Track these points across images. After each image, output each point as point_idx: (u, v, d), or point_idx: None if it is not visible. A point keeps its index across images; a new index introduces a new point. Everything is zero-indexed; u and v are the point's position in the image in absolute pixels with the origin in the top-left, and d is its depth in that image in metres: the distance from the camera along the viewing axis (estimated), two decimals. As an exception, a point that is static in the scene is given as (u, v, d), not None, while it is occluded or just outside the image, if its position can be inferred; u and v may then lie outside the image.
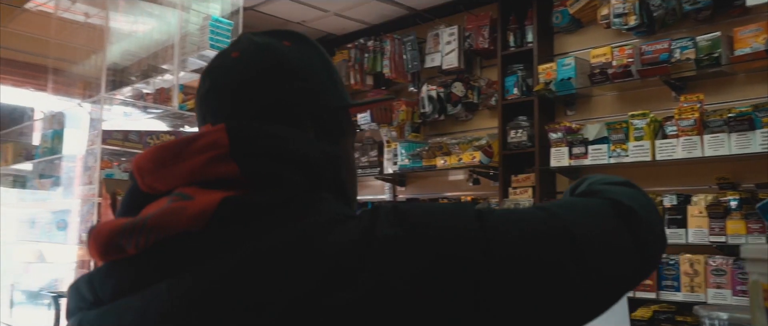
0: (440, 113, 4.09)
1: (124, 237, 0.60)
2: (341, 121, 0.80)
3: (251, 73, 0.73)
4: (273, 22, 4.70)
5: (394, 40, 4.36)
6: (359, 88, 4.60)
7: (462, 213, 0.61)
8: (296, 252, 0.56)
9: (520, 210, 0.65)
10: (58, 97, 3.37)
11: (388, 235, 0.57)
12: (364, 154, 4.46)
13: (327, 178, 0.67)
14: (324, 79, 0.79)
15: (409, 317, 0.54)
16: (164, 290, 0.57)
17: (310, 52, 0.79)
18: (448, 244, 0.57)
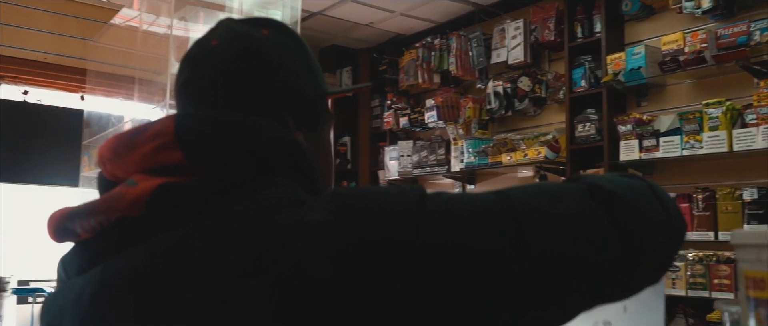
0: (507, 109, 4.02)
1: (71, 221, 0.64)
2: (319, 109, 0.80)
3: (228, 61, 0.73)
4: (341, 25, 4.80)
5: (460, 37, 4.33)
6: (427, 86, 4.60)
7: (403, 196, 0.58)
8: (219, 238, 0.57)
9: (472, 195, 0.60)
10: (143, 104, 3.60)
11: (316, 220, 0.55)
12: (431, 152, 4.46)
13: (283, 164, 0.65)
14: (302, 67, 0.79)
15: (329, 304, 0.52)
16: (98, 272, 0.60)
17: (288, 40, 0.79)
18: (376, 227, 0.54)
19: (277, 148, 0.66)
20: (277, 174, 0.65)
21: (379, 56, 5.10)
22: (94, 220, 0.63)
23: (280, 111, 0.74)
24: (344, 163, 5.19)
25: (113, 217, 0.62)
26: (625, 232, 0.59)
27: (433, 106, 4.39)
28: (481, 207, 0.57)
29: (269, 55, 0.75)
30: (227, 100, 0.72)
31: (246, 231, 0.56)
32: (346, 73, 5.28)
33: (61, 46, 4.27)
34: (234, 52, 0.74)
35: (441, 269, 0.53)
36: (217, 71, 0.73)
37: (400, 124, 4.78)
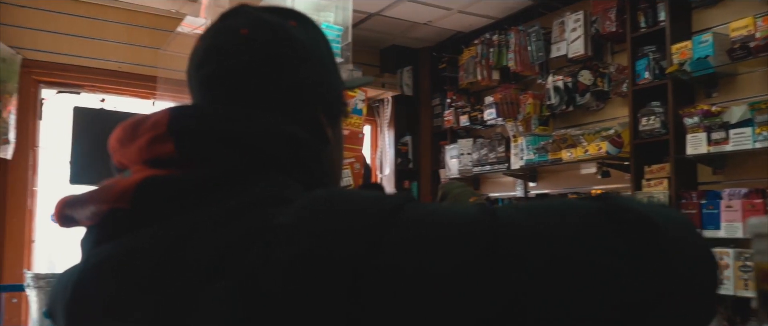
0: (568, 104, 3.91)
1: (71, 209, 0.64)
2: (343, 102, 0.78)
3: (264, 54, 0.68)
4: (399, 25, 4.82)
5: (519, 33, 4.25)
6: (487, 83, 4.54)
7: (373, 208, 0.51)
8: (190, 237, 0.54)
9: (451, 210, 0.51)
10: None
11: (281, 223, 0.51)
12: (491, 150, 4.40)
13: (280, 159, 0.62)
14: (329, 60, 0.76)
15: (272, 319, 0.47)
16: (84, 262, 0.62)
17: (316, 33, 0.76)
18: (328, 240, 0.48)
19: (271, 142, 0.62)
20: (273, 170, 0.61)
21: (438, 55, 5.09)
22: (89, 209, 0.62)
23: (315, 106, 0.71)
24: (406, 162, 5.20)
25: (105, 208, 0.61)
26: (651, 268, 0.45)
27: (491, 103, 4.33)
28: (455, 228, 0.48)
29: (302, 48, 0.70)
30: (261, 94, 0.67)
31: (217, 231, 0.53)
32: (406, 73, 5.29)
33: (133, 56, 4.51)
34: (269, 43, 0.68)
35: (392, 292, 0.46)
36: (250, 63, 0.68)
37: (461, 122, 4.75)
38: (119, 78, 4.50)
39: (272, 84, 0.68)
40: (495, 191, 4.55)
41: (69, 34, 4.36)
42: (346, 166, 3.01)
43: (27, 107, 4.13)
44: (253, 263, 0.49)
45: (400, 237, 0.48)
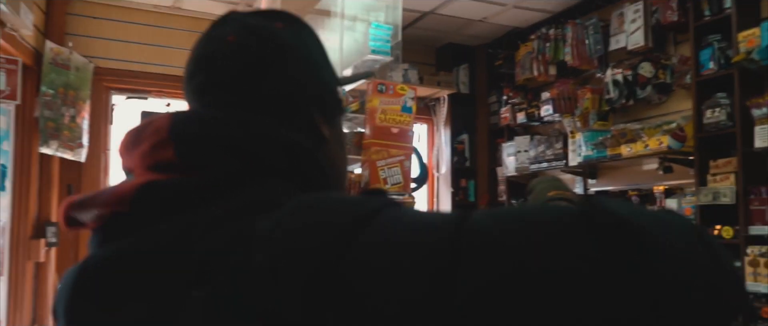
0: (628, 98, 3.78)
1: (74, 211, 0.64)
2: (338, 98, 0.76)
3: (252, 59, 0.68)
4: (454, 22, 4.80)
5: (576, 26, 4.15)
6: (544, 79, 4.46)
7: (348, 211, 0.50)
8: (178, 242, 0.55)
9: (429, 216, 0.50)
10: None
11: (261, 229, 0.51)
12: (549, 146, 4.31)
13: (277, 164, 0.62)
14: (320, 58, 0.75)
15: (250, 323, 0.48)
16: (84, 263, 0.62)
17: (304, 32, 0.75)
18: (301, 244, 0.48)
19: (269, 147, 0.63)
20: (272, 175, 0.61)
21: (494, 51, 5.03)
22: (93, 212, 0.63)
23: (308, 106, 0.70)
24: (462, 160, 5.17)
25: (107, 211, 0.61)
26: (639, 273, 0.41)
27: (548, 99, 4.24)
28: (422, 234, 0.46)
29: (289, 49, 0.70)
30: (252, 99, 0.68)
31: (205, 237, 0.54)
32: (462, 71, 5.26)
33: (196, 61, 4.69)
34: (255, 48, 0.69)
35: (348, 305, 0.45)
36: (239, 70, 0.68)
37: (517, 120, 4.68)
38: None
39: (261, 87, 0.68)
40: (553, 189, 4.45)
41: (137, 43, 4.58)
42: (395, 165, 3.03)
43: (99, 112, 4.37)
44: (233, 269, 0.50)
45: (370, 237, 0.47)
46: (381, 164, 2.93)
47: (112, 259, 0.59)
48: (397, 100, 3.06)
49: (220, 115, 0.65)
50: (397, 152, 2.99)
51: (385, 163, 2.94)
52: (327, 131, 0.71)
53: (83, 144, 4.11)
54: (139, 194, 0.60)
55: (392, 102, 3.06)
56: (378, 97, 3.02)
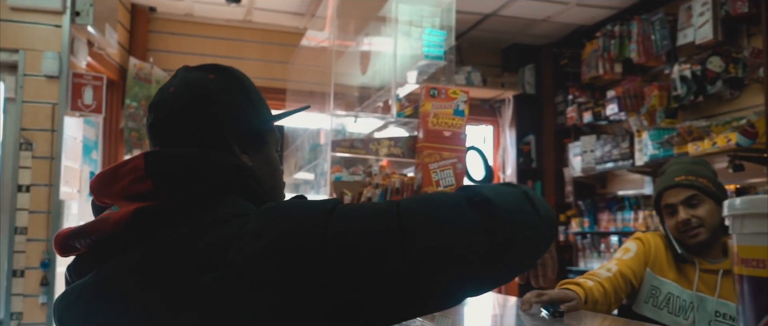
0: (697, 94, 3.65)
1: (73, 239, 0.83)
2: (262, 134, 0.97)
3: (182, 104, 0.90)
4: (517, 23, 4.78)
5: (641, 21, 4.04)
6: (610, 77, 4.36)
7: (317, 207, 0.74)
8: (177, 247, 0.74)
9: (370, 204, 0.76)
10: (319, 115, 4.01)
11: (249, 228, 0.72)
12: (615, 146, 4.21)
13: (232, 185, 0.83)
14: (241, 102, 0.95)
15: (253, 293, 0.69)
16: (91, 277, 0.79)
17: (232, 81, 0.96)
18: (289, 228, 0.71)
19: (225, 172, 0.84)
20: (228, 193, 0.82)
21: (559, 50, 4.97)
22: (89, 238, 0.81)
23: (226, 139, 0.91)
24: (528, 161, 5.13)
25: (104, 235, 0.80)
26: (493, 232, 0.71)
27: (613, 97, 4.15)
28: (373, 214, 0.72)
29: (214, 97, 0.92)
30: (184, 136, 0.90)
31: (199, 240, 0.73)
32: (528, 71, 5.22)
33: (266, 71, 4.92)
34: (186, 97, 0.91)
35: (337, 261, 0.69)
36: (174, 114, 0.90)
37: (584, 119, 4.60)
38: (255, 92, 4.93)
39: (190, 127, 0.90)
40: (622, 189, 4.34)
41: (212, 55, 4.86)
42: (447, 167, 3.08)
43: (178, 122, 4.67)
44: (233, 258, 0.70)
45: (338, 221, 0.71)
46: (433, 166, 3.00)
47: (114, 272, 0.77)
48: (449, 103, 3.13)
49: (184, 151, 0.85)
50: (450, 155, 3.06)
51: (437, 166, 3.01)
52: (247, 160, 0.93)
53: (164, 152, 4.41)
54: (134, 217, 0.78)
55: (444, 106, 3.13)
56: (430, 101, 3.10)
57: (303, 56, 4.38)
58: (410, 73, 3.23)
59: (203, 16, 4.83)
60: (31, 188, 3.24)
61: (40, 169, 3.25)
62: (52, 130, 3.27)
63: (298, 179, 3.91)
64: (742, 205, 0.70)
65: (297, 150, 4.02)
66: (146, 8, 4.67)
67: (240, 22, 4.93)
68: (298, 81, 4.38)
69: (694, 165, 1.87)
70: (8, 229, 3.21)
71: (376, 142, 3.04)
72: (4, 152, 3.29)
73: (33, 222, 3.23)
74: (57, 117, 3.28)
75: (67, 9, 3.29)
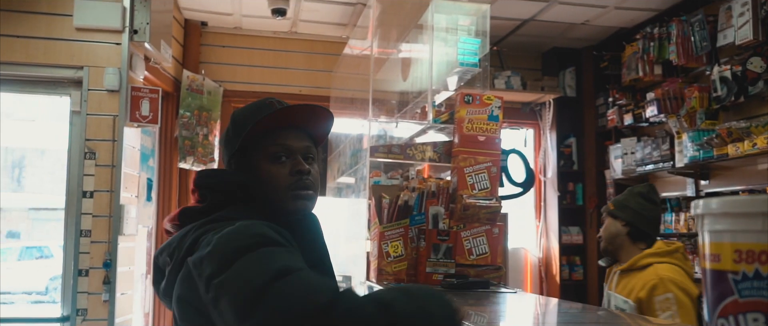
0: (738, 95, 3.63)
1: (166, 225, 1.29)
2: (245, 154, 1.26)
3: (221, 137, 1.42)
4: (556, 27, 4.82)
5: (681, 23, 4.03)
6: (650, 79, 4.36)
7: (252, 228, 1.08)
8: (186, 236, 1.15)
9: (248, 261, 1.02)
10: (358, 120, 4.15)
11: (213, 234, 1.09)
12: (655, 148, 4.21)
13: (234, 196, 1.21)
14: (228, 131, 1.30)
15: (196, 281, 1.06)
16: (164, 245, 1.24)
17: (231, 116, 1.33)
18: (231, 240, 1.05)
19: (226, 186, 1.23)
20: (234, 202, 1.20)
21: (599, 53, 4.98)
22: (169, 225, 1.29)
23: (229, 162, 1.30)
24: (569, 164, 5.15)
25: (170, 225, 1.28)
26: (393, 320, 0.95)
27: (653, 99, 4.15)
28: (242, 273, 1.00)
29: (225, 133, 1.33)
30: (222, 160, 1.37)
31: (196, 232, 1.14)
32: (568, 74, 5.24)
33: (311, 80, 5.11)
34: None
35: (208, 294, 1.03)
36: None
37: (625, 121, 4.60)
38: (301, 100, 5.11)
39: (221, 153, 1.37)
40: (663, 191, 4.33)
41: (259, 66, 5.09)
42: (482, 171, 3.17)
43: (228, 130, 4.90)
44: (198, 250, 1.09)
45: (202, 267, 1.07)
46: (468, 171, 3.11)
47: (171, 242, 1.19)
48: (483, 109, 3.23)
49: (210, 172, 1.29)
50: (484, 159, 3.15)
51: (472, 170, 3.11)
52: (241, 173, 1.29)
53: (215, 158, 4.65)
54: (180, 213, 1.25)
55: (479, 111, 3.23)
56: (465, 107, 3.22)
57: (346, 65, 4.54)
58: (449, 79, 3.34)
59: (251, 29, 5.06)
60: (95, 194, 3.50)
61: (102, 176, 3.51)
62: (113, 140, 3.53)
63: (340, 183, 4.07)
64: (705, 206, 0.78)
65: (340, 155, 4.17)
66: (198, 23, 4.93)
67: (286, 34, 5.14)
68: (341, 88, 4.54)
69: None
70: (74, 232, 3.47)
71: (414, 147, 3.17)
72: (70, 161, 3.56)
73: (96, 225, 3.48)
74: (117, 128, 3.53)
75: (126, 28, 3.54)
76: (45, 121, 15.68)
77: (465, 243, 2.67)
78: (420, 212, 2.69)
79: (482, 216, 2.70)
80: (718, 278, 0.74)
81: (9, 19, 3.53)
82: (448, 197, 2.89)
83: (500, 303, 2.00)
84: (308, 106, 1.25)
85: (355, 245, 3.47)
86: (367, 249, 3.17)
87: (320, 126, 1.30)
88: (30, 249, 12.42)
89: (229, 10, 4.69)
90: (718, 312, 0.73)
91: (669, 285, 2.11)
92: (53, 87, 3.63)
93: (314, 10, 4.69)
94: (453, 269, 2.47)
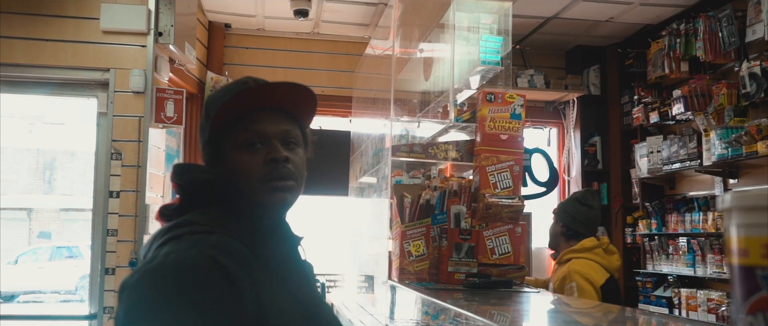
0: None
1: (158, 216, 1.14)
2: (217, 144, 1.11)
3: None
4: (580, 25, 4.77)
5: (708, 18, 3.96)
6: (676, 76, 4.29)
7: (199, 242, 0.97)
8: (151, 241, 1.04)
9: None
10: (381, 120, 4.15)
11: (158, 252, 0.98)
12: (682, 146, 4.14)
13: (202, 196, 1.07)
14: (202, 121, 1.14)
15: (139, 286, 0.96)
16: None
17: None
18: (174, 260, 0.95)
19: (194, 186, 1.08)
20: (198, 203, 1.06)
21: (624, 51, 4.91)
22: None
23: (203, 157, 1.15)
24: (594, 163, 5.09)
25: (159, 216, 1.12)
26: None
27: (680, 96, 4.08)
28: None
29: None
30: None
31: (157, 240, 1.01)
32: (592, 72, 5.18)
33: (333, 80, 5.13)
34: None
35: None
36: None
37: (650, 119, 4.53)
38: (323, 100, 5.10)
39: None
40: (691, 190, 4.26)
41: (283, 67, 5.12)
42: (504, 170, 3.15)
43: (251, 131, 4.93)
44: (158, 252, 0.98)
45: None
46: (490, 169, 3.09)
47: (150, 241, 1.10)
48: (505, 107, 3.21)
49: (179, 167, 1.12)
50: (507, 158, 3.13)
51: (494, 169, 3.09)
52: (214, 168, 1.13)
53: (239, 159, 4.68)
54: (160, 212, 1.10)
55: (501, 110, 3.21)
56: (487, 105, 3.20)
57: (367, 65, 4.55)
58: (471, 78, 3.33)
59: (274, 31, 5.09)
60: (121, 194, 3.56)
61: (128, 177, 3.56)
62: (139, 140, 3.58)
63: (362, 183, 4.07)
64: (733, 199, 0.76)
65: (362, 155, 4.18)
66: (222, 25, 4.98)
67: (308, 35, 5.16)
68: (363, 89, 4.55)
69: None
70: (101, 231, 3.53)
71: (435, 146, 3.16)
72: (97, 161, 3.63)
73: (122, 224, 3.54)
74: (143, 129, 3.58)
75: (151, 30, 3.60)
76: (74, 124, 16.01)
77: (487, 242, 2.65)
78: (442, 211, 2.69)
79: (504, 215, 2.68)
80: (746, 274, 0.72)
81: (38, 24, 3.61)
82: (470, 196, 2.87)
83: (523, 303, 1.99)
84: (282, 84, 1.08)
85: (377, 244, 3.47)
86: (389, 248, 3.17)
87: (302, 106, 1.13)
88: (60, 249, 12.69)
89: (253, 12, 4.73)
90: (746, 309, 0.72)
91: (574, 276, 2.56)
92: (81, 89, 3.70)
93: (336, 11, 4.70)
94: (475, 268, 2.46)
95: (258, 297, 0.94)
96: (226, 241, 0.97)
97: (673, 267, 4.28)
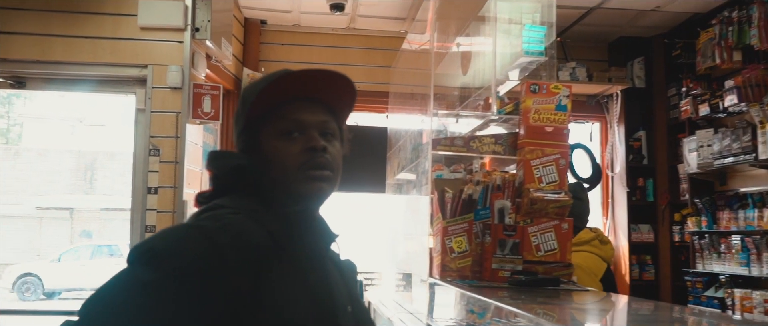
0: (830, 80, 3.35)
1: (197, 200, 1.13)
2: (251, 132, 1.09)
3: None
4: (624, 15, 4.61)
5: (763, 5, 3.76)
6: (728, 66, 4.09)
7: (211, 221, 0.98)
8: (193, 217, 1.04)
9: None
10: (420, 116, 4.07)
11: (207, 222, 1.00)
12: (735, 139, 3.95)
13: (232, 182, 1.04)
14: (238, 109, 1.12)
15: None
16: None
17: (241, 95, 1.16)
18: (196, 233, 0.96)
19: (226, 172, 1.06)
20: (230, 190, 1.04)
21: (671, 41, 4.72)
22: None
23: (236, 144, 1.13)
24: (639, 158, 4.91)
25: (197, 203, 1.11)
26: None
27: (732, 87, 3.90)
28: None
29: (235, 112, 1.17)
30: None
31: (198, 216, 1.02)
32: (637, 65, 5.00)
33: (369, 75, 5.06)
34: None
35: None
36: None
37: (700, 112, 4.34)
38: (360, 96, 5.00)
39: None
40: (744, 185, 4.06)
41: (319, 62, 5.07)
42: (550, 163, 3.05)
43: (287, 128, 4.91)
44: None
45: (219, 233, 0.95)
46: (535, 163, 2.98)
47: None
48: (550, 99, 3.09)
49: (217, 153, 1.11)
50: (552, 151, 3.02)
51: (539, 162, 2.99)
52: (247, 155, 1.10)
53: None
54: (196, 199, 1.09)
55: (546, 101, 3.10)
56: (531, 97, 3.09)
57: (404, 60, 4.47)
58: (511, 72, 3.22)
59: (310, 26, 5.05)
60: (159, 190, 3.55)
61: (166, 173, 3.56)
62: (176, 136, 3.57)
63: (400, 179, 4.00)
64: None
65: (399, 150, 4.11)
66: (258, 21, 4.96)
67: (344, 30, 5.11)
68: (399, 84, 4.47)
69: None
70: (140, 227, 3.54)
71: (478, 139, 3.06)
72: (135, 158, 3.63)
73: (160, 220, 3.54)
74: (180, 125, 3.57)
75: (188, 26, 3.59)
76: (114, 126, 16.35)
77: (532, 238, 2.55)
78: (485, 206, 2.59)
79: (550, 210, 2.57)
80: None
81: (77, 21, 3.63)
82: (514, 190, 2.77)
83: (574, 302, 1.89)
84: (322, 72, 1.06)
85: (417, 241, 3.39)
86: (430, 245, 3.08)
87: (341, 97, 1.11)
88: (101, 247, 12.96)
89: (288, 8, 4.70)
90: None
91: (576, 269, 2.48)
92: (119, 86, 3.71)
93: (372, 5, 4.64)
94: (520, 266, 2.36)
95: (258, 284, 0.91)
96: (246, 223, 0.95)
97: (725, 267, 4.09)
